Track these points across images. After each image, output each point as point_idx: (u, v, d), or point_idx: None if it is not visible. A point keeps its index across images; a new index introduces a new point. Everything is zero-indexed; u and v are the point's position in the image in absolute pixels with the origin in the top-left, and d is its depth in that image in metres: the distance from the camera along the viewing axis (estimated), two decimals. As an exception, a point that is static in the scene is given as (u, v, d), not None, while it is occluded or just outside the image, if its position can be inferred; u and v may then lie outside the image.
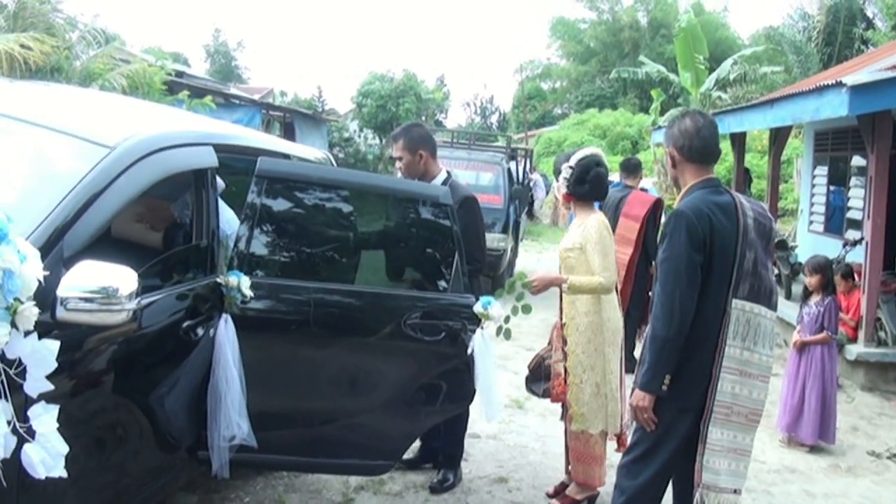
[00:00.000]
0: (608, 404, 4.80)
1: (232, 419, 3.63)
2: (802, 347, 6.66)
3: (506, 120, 52.39)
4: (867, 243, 8.37)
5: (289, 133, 22.87)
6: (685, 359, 3.50)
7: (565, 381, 4.89)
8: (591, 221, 4.83)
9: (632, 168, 8.87)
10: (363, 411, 4.16)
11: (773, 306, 3.60)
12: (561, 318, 4.95)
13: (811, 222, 13.38)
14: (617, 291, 4.97)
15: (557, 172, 4.99)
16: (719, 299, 3.47)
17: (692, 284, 3.42)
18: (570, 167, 4.89)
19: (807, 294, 6.84)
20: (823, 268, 6.73)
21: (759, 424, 3.73)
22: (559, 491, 5.12)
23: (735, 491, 3.58)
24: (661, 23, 41.60)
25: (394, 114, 36.72)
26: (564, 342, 4.90)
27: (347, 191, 4.36)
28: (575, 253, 4.82)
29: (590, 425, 4.81)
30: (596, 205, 5.21)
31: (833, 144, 12.63)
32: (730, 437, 3.53)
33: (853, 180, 11.86)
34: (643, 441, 3.68)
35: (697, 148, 3.60)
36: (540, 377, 5.11)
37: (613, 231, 8.02)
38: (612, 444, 4.96)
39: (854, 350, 8.36)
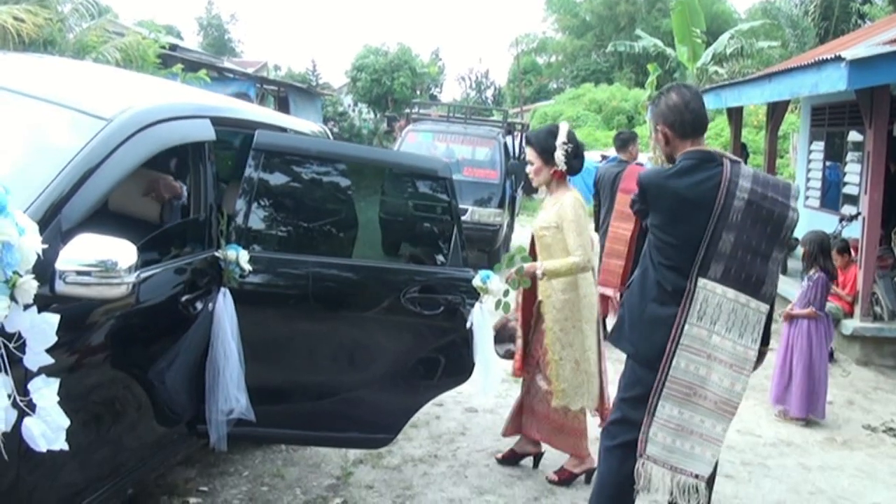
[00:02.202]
0: (588, 380, 4.82)
1: (230, 393, 3.63)
2: (791, 320, 6.68)
3: (501, 94, 52.20)
4: (864, 218, 8.36)
5: (283, 107, 22.82)
6: (657, 313, 3.49)
7: (523, 358, 4.97)
8: (567, 199, 4.76)
9: (624, 141, 8.83)
10: (362, 385, 4.16)
11: (763, 297, 3.46)
12: (536, 295, 4.90)
13: (807, 198, 13.38)
14: (595, 272, 4.96)
15: (546, 151, 4.81)
16: (686, 277, 3.41)
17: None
18: (566, 143, 4.77)
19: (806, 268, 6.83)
20: (809, 241, 6.71)
21: (751, 400, 3.69)
22: (507, 457, 5.21)
23: (696, 476, 3.46)
24: (657, -4, 41.46)
25: (388, 88, 36.65)
26: (539, 319, 4.88)
27: (346, 164, 4.34)
28: (551, 231, 4.77)
29: (570, 401, 4.82)
30: (592, 181, 5.19)
31: (830, 119, 12.60)
32: (693, 419, 3.44)
33: (849, 155, 11.86)
34: (623, 407, 3.70)
35: (689, 122, 3.54)
36: (504, 339, 5.09)
37: (611, 207, 8.09)
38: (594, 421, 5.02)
39: (850, 325, 8.38)
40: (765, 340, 3.60)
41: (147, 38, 11.35)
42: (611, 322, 8.47)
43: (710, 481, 3.65)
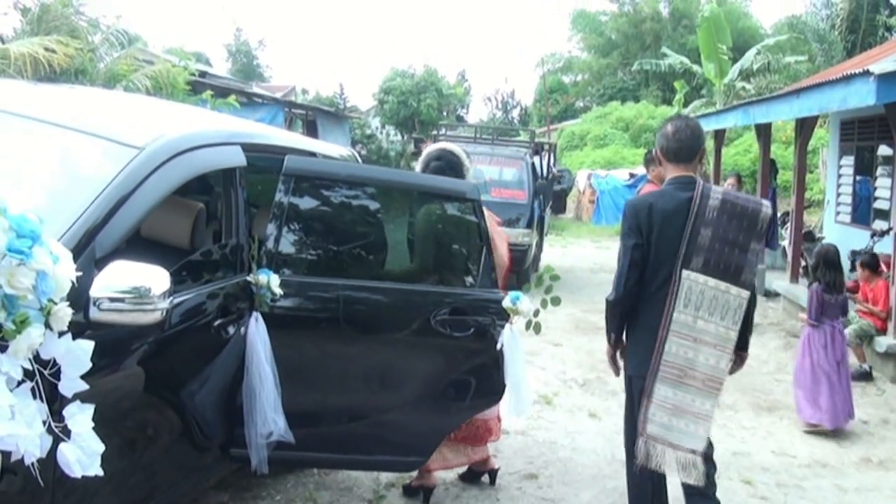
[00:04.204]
0: None
1: (268, 415, 3.65)
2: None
3: (527, 114, 52.29)
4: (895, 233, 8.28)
5: (311, 131, 22.93)
6: (641, 330, 3.94)
7: None
8: None
9: (647, 160, 8.90)
10: (393, 407, 4.16)
11: (741, 284, 3.82)
12: None
13: (838, 213, 13.27)
14: None
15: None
16: (671, 272, 3.80)
17: (629, 262, 3.87)
18: (419, 162, 5.06)
19: None
20: (815, 253, 7.17)
21: (785, 420, 3.72)
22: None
23: (693, 451, 3.81)
24: (682, 13, 41.38)
25: (415, 110, 36.75)
26: None
27: (375, 188, 4.37)
28: None
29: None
30: (621, 199, 5.25)
31: (859, 134, 12.51)
32: (686, 399, 3.81)
33: (879, 170, 11.75)
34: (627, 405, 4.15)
35: (672, 149, 4.01)
36: None
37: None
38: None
39: (884, 342, 8.25)
40: (743, 346, 4.05)
41: (177, 66, 11.48)
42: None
43: (709, 462, 3.95)
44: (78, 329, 2.57)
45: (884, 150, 11.53)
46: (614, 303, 3.96)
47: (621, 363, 4.14)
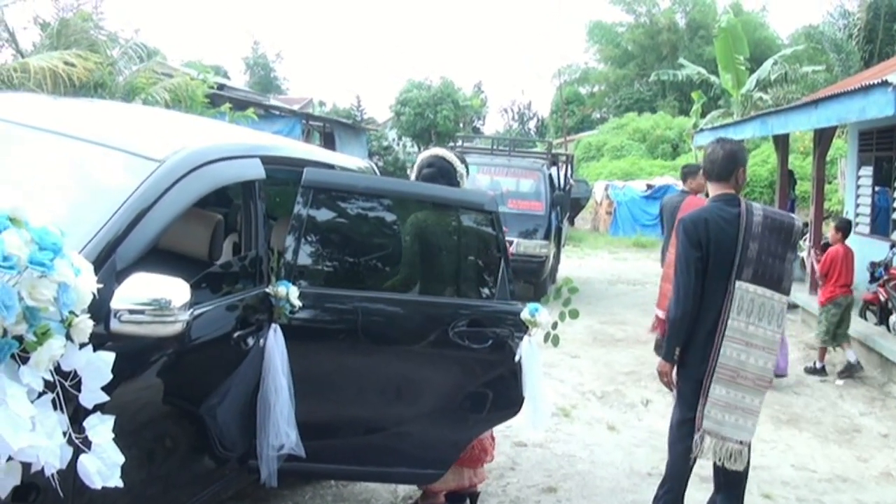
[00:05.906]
0: None
1: (280, 428, 3.65)
2: None
3: (544, 125, 52.24)
4: (917, 244, 8.23)
5: (329, 143, 23.02)
6: (696, 336, 4.18)
7: None
8: None
9: (686, 173, 8.92)
10: (411, 419, 4.16)
11: (782, 290, 4.20)
12: None
13: (857, 224, 13.17)
14: None
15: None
16: (725, 283, 4.11)
17: (693, 274, 4.15)
18: (414, 169, 5.05)
19: None
20: None
21: (806, 433, 3.72)
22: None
23: (741, 442, 4.14)
24: (699, 24, 41.32)
25: (432, 121, 36.82)
26: None
27: (393, 199, 4.38)
28: None
29: None
30: (638, 210, 5.23)
31: (878, 144, 12.44)
32: (737, 397, 4.13)
33: (899, 180, 11.68)
34: (676, 406, 4.39)
35: (706, 169, 4.46)
36: None
37: (670, 234, 8.11)
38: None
39: (901, 352, 8.21)
40: None
41: (195, 79, 11.53)
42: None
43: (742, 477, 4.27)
44: (98, 341, 2.57)
45: (903, 160, 11.46)
46: (683, 316, 4.18)
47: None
